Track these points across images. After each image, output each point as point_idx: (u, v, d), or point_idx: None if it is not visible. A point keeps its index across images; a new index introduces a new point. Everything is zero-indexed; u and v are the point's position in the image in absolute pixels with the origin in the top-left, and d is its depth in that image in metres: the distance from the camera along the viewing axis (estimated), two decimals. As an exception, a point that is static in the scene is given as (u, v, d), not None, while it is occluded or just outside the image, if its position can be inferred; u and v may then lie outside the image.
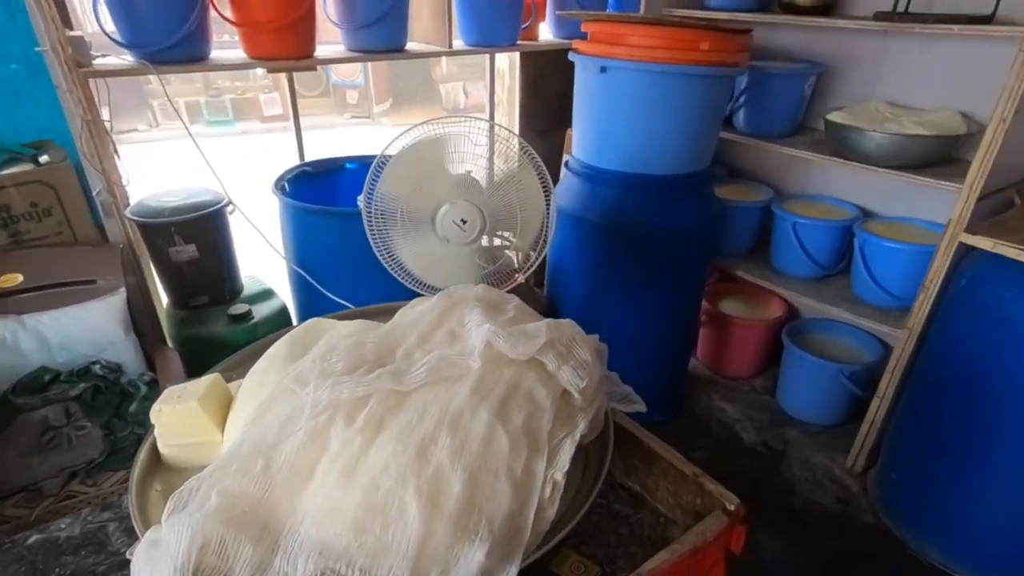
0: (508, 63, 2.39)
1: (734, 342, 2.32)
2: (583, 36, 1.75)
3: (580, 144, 1.87)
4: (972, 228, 1.43)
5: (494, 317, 0.79)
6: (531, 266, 1.15)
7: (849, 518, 1.82)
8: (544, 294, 2.19)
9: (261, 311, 1.89)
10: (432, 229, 0.98)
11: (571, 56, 1.76)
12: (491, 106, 2.48)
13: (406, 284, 1.15)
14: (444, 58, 4.61)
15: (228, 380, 0.88)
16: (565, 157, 1.95)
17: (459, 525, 0.62)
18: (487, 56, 2.35)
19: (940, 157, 1.66)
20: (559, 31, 2.27)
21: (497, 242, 1.41)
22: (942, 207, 1.54)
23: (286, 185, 1.86)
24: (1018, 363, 1.38)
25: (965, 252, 1.53)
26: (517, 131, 2.50)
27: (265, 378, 0.81)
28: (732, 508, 0.78)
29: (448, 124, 1.02)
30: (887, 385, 1.78)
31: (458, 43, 2.08)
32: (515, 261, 2.31)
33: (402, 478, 0.63)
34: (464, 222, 0.94)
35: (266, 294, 1.99)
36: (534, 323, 0.78)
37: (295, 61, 1.76)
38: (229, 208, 1.84)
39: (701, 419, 2.22)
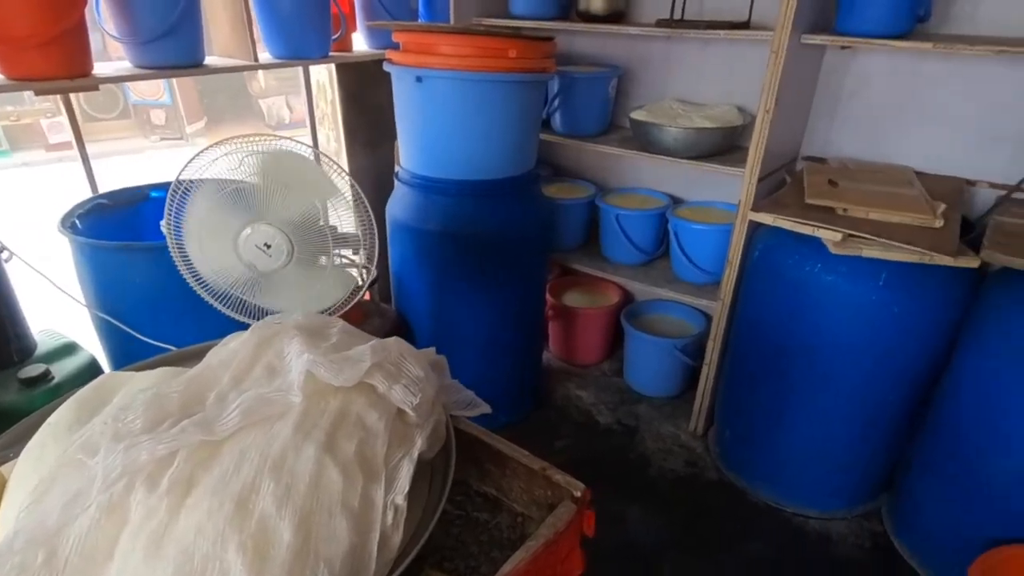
0: (328, 75, 2.30)
1: (580, 331, 2.45)
2: (396, 46, 1.73)
3: (407, 155, 1.85)
4: (757, 206, 1.63)
5: (316, 345, 0.75)
6: (364, 288, 1.11)
7: (697, 477, 2.00)
8: (393, 308, 2.14)
9: (63, 369, 1.63)
10: (236, 255, 0.91)
11: (386, 66, 1.74)
12: (311, 121, 2.38)
13: (234, 317, 1.05)
14: (261, 73, 4.34)
15: (2, 462, 0.74)
16: (396, 168, 1.92)
17: (294, 574, 0.57)
18: (300, 69, 2.25)
19: (726, 146, 1.88)
20: (373, 41, 2.23)
21: (338, 260, 1.35)
22: (734, 190, 1.74)
23: (77, 222, 1.62)
24: (805, 320, 1.60)
25: (756, 227, 1.75)
26: (343, 145, 2.42)
27: (44, 452, 0.69)
28: (579, 495, 0.81)
29: (245, 143, 0.95)
30: (711, 352, 1.98)
31: (265, 55, 1.96)
32: (359, 279, 2.24)
33: (221, 537, 0.57)
34: (268, 246, 0.88)
35: (67, 349, 1.72)
36: (359, 346, 0.75)
37: (69, 81, 1.55)
38: (3, 255, 1.57)
39: (561, 409, 2.31)
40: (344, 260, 1.32)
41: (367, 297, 2.19)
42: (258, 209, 0.89)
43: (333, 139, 2.45)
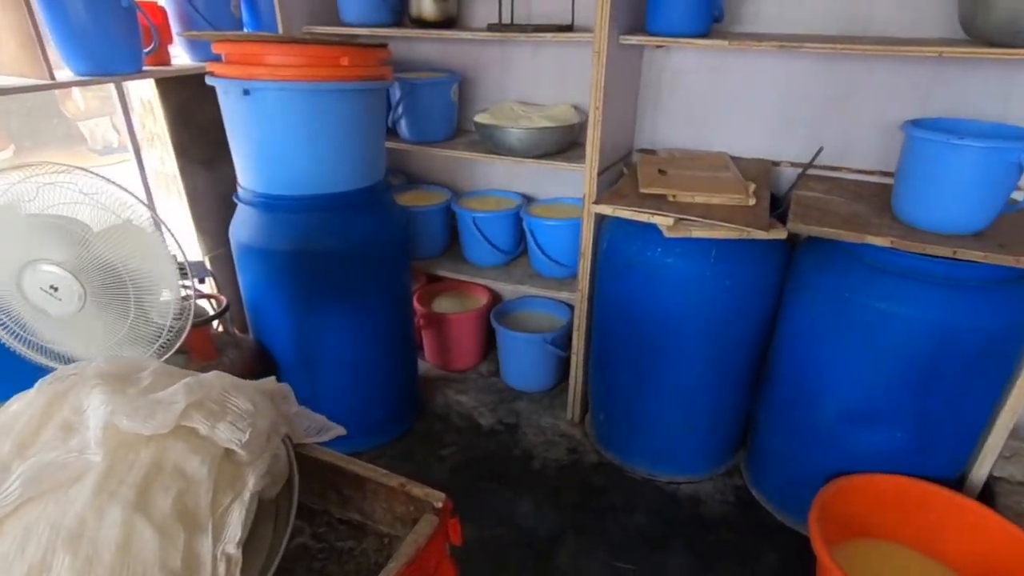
0: (152, 92, 2.10)
1: (454, 337, 2.44)
2: (219, 58, 1.62)
3: (244, 173, 1.74)
4: (599, 199, 1.72)
5: (122, 392, 0.67)
6: (188, 322, 1.00)
7: (579, 462, 2.07)
8: (251, 338, 2.00)
9: None
10: (23, 300, 0.79)
11: (208, 80, 1.62)
12: (133, 142, 2.16)
13: (45, 364, 0.91)
14: (77, 92, 3.89)
15: None
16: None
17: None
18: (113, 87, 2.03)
19: (567, 144, 1.96)
20: (194, 54, 2.07)
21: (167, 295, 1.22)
22: (580, 185, 1.82)
23: None
24: (653, 300, 1.72)
25: (603, 219, 1.84)
26: (177, 166, 2.22)
27: None
28: (440, 505, 0.80)
29: (14, 174, 0.82)
30: (577, 342, 2.06)
31: (64, 73, 1.75)
32: (210, 309, 2.06)
33: (6, 634, 0.49)
34: (56, 289, 0.77)
35: None
36: (172, 387, 0.69)
37: None
38: None
39: (443, 416, 2.29)
40: (173, 293, 1.20)
41: (220, 328, 2.03)
42: (40, 246, 0.78)
43: (167, 160, 2.25)
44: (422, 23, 1.93)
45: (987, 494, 1.72)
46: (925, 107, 1.70)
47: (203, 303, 2.04)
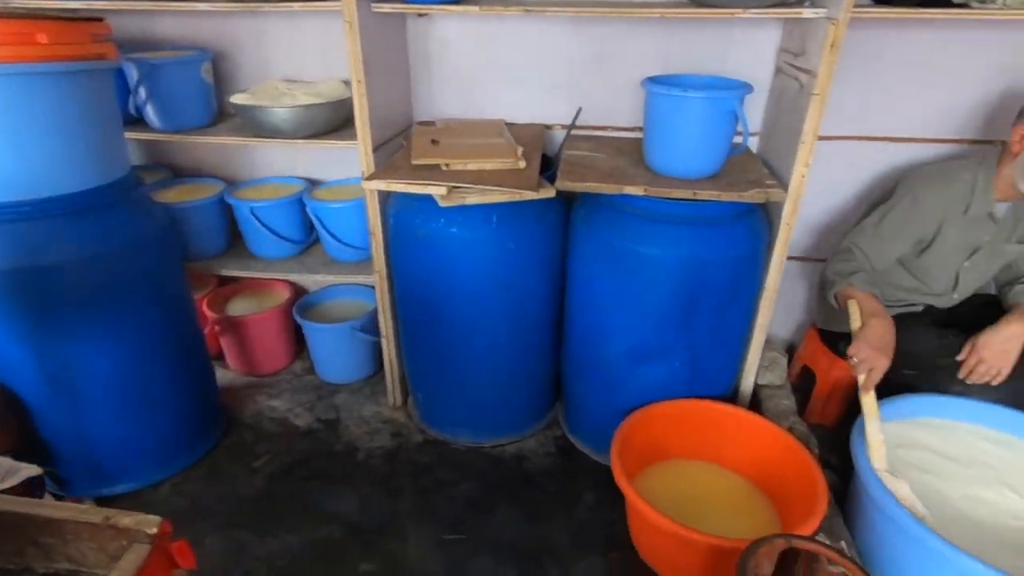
0: None
1: (256, 339, 2.26)
2: None
3: (-70, 182, 1.41)
4: (372, 175, 1.66)
5: None
6: None
7: (404, 445, 2.03)
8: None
9: None
10: None
11: None
12: None
13: None
14: None
15: None
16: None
17: None
18: None
19: (342, 121, 1.87)
20: None
21: None
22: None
23: None
24: (445, 271, 1.71)
25: (387, 196, 1.78)
26: None
27: None
28: (155, 531, 0.71)
29: None
30: (384, 324, 2.01)
31: None
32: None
33: None
34: None
35: None
36: None
37: None
38: None
39: (253, 427, 2.12)
40: None
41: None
42: None
43: None
44: (147, -7, 1.70)
45: (755, 401, 1.98)
46: (667, 66, 1.86)
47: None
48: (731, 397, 1.92)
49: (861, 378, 1.58)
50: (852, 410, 1.67)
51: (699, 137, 1.52)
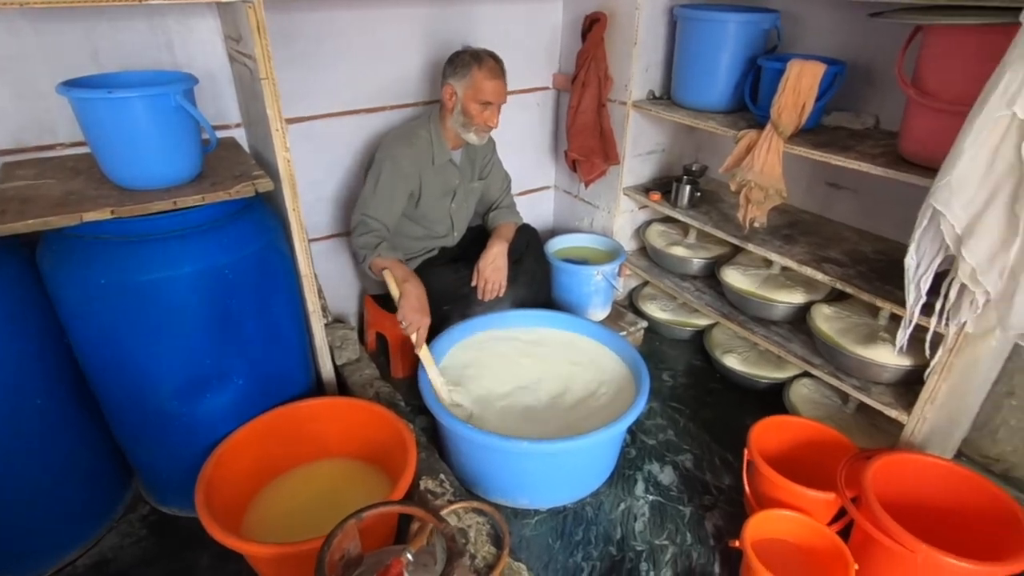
0: None
1: None
2: None
3: None
4: None
5: None
6: None
7: None
8: None
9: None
10: None
11: None
12: None
13: None
14: None
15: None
16: None
17: None
18: None
19: None
20: None
21: None
22: None
23: None
24: None
25: None
26: None
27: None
28: None
29: None
30: None
31: None
32: None
33: None
34: None
35: None
36: None
37: None
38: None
39: None
40: None
41: None
42: None
43: None
44: None
45: (342, 382, 2.00)
46: (101, 64, 1.59)
47: None
48: (317, 389, 1.90)
49: (413, 337, 1.79)
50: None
51: (156, 140, 1.34)
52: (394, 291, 1.82)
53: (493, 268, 1.88)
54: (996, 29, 1.26)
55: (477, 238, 2.07)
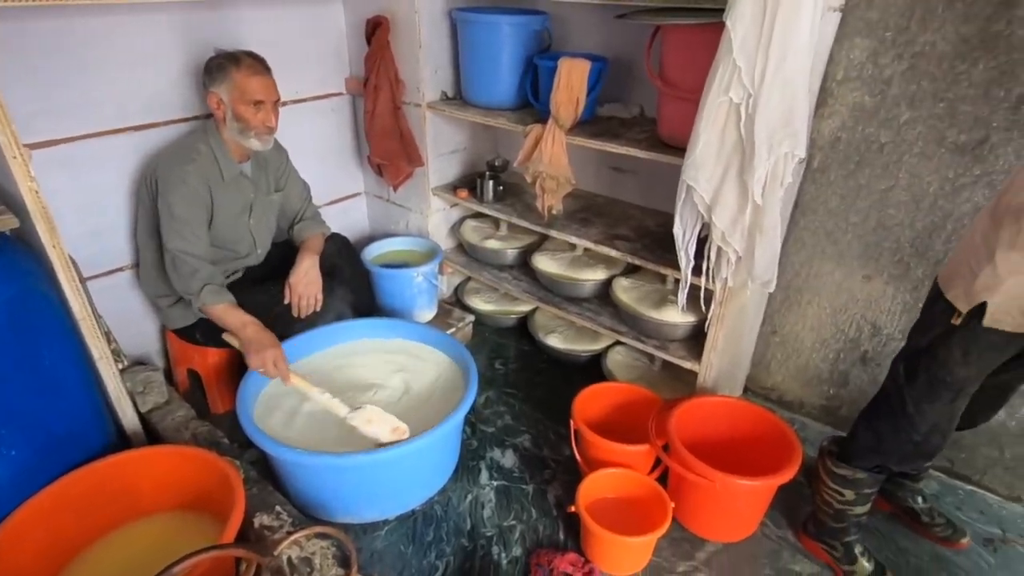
0: None
1: None
2: None
3: None
4: None
5: None
6: None
7: None
8: None
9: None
10: None
11: None
12: None
13: None
14: None
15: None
16: None
17: None
18: None
19: None
20: None
21: None
22: None
23: None
24: None
25: None
26: None
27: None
28: None
29: None
30: None
31: None
32: None
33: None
34: None
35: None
36: None
37: None
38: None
39: None
40: None
41: None
42: None
43: None
44: None
45: (150, 430, 1.80)
46: None
47: None
48: (120, 442, 1.69)
49: (275, 376, 1.70)
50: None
51: None
52: (235, 343, 1.74)
53: (306, 283, 1.81)
54: (714, 27, 1.50)
55: (286, 255, 1.97)
